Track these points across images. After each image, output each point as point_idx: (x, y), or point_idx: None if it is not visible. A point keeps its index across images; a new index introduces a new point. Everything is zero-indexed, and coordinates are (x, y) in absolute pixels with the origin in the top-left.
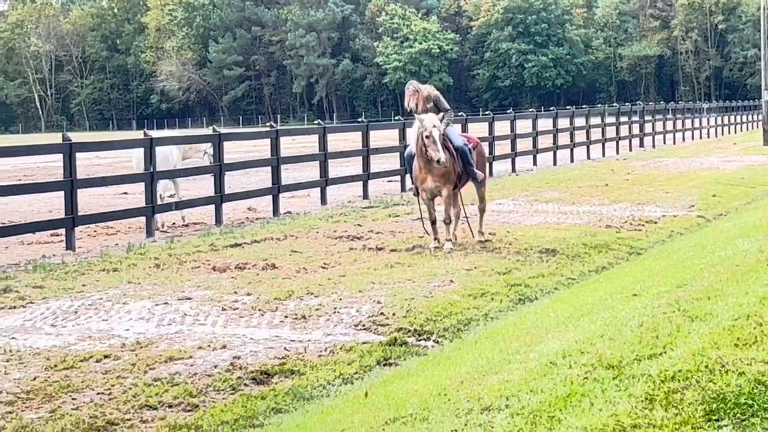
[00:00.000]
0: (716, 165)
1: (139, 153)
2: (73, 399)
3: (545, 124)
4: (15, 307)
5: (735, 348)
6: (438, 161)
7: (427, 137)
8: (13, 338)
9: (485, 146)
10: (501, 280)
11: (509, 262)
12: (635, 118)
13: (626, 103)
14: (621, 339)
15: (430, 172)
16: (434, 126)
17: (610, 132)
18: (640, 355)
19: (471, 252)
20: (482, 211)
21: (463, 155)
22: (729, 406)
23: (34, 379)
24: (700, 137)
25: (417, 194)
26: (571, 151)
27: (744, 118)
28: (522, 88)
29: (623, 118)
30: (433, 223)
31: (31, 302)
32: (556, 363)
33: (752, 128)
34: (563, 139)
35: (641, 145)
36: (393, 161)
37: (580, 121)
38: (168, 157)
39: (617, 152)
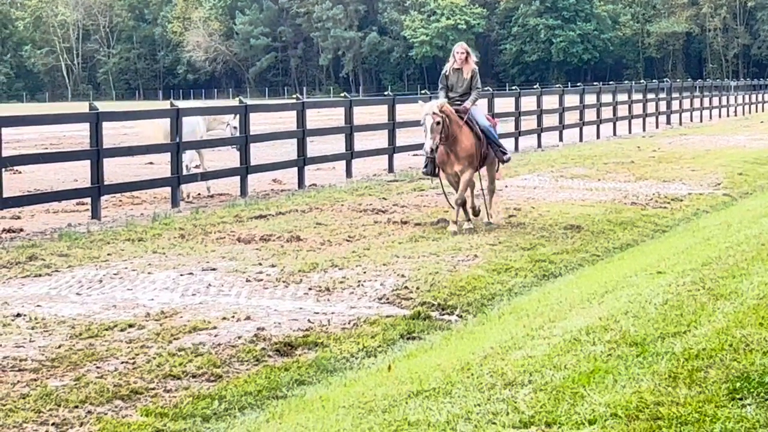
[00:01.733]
0: (743, 143)
1: (165, 123)
2: (98, 367)
3: (572, 99)
4: (40, 275)
5: (760, 327)
6: (428, 150)
7: (421, 123)
8: (38, 306)
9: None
10: (525, 255)
11: (534, 238)
12: (662, 95)
13: (653, 80)
14: (645, 316)
15: (455, 154)
16: (428, 114)
17: (637, 109)
18: (665, 332)
19: (495, 227)
20: (491, 191)
21: (488, 134)
22: (753, 385)
23: (59, 347)
24: (727, 115)
25: (432, 174)
26: (598, 127)
27: None
28: (549, 63)
29: (650, 95)
30: (463, 204)
31: (56, 270)
32: (580, 339)
33: None
34: (590, 115)
35: (668, 122)
36: (419, 135)
37: (606, 98)
38: (195, 128)
39: (644, 129)
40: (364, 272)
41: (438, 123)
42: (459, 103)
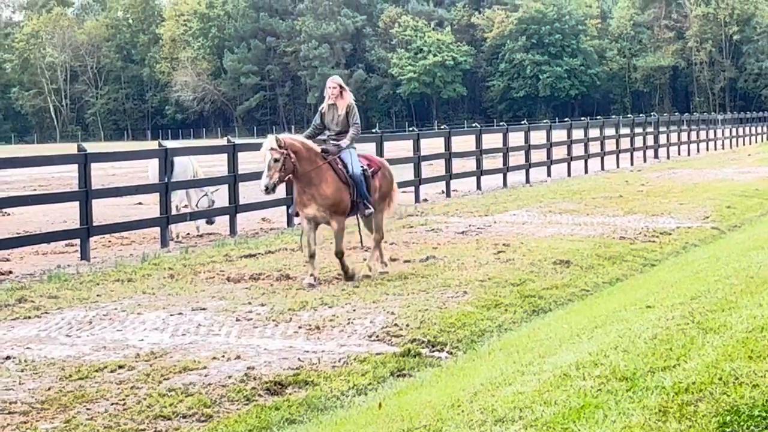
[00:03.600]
0: (731, 176)
1: (155, 163)
2: (88, 409)
3: (559, 135)
4: (30, 317)
5: (749, 360)
6: (262, 188)
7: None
8: (28, 348)
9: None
10: (515, 291)
11: (523, 273)
12: (650, 129)
13: (641, 114)
14: (635, 351)
15: (310, 196)
16: (266, 149)
17: (625, 143)
18: (654, 367)
19: (485, 263)
20: (377, 242)
21: (357, 184)
22: (743, 419)
23: (49, 389)
24: (715, 148)
25: (295, 214)
26: (586, 162)
27: (759, 130)
28: (536, 98)
29: (638, 129)
30: (311, 256)
31: (46, 312)
32: (570, 375)
33: (767, 140)
34: (577, 150)
35: (656, 156)
36: (407, 172)
37: (594, 132)
38: (186, 167)
39: (632, 163)
40: (354, 310)
41: (276, 160)
42: (336, 141)
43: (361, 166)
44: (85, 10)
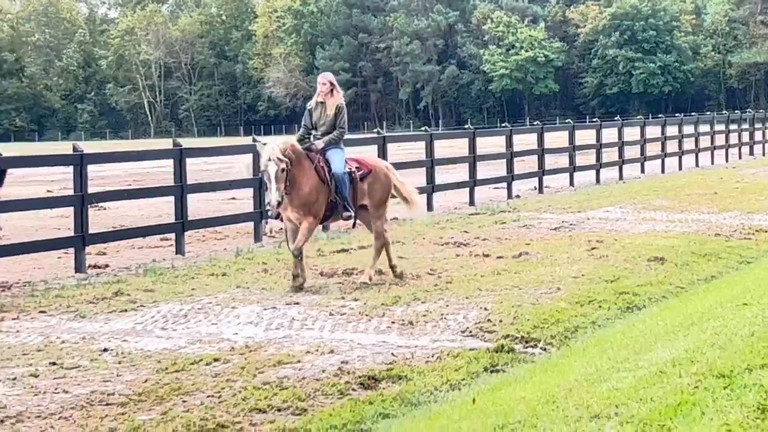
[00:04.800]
0: None
1: (246, 159)
2: (184, 401)
3: (653, 131)
4: (126, 311)
5: None
6: (269, 204)
7: (262, 172)
8: (124, 341)
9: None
10: (609, 287)
11: (617, 270)
12: (745, 126)
13: (735, 111)
14: (731, 348)
15: (290, 201)
16: (270, 159)
17: (719, 140)
18: (752, 364)
19: (578, 260)
20: (377, 249)
21: (339, 183)
22: None
23: (146, 381)
24: None
25: (276, 217)
26: (680, 158)
27: None
28: (629, 95)
29: (732, 126)
30: (300, 256)
31: (141, 305)
32: (666, 372)
33: None
34: (671, 146)
35: (751, 153)
36: (500, 168)
37: (688, 129)
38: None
39: (726, 160)
40: (447, 305)
41: (283, 170)
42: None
43: (349, 168)
44: (179, 6)
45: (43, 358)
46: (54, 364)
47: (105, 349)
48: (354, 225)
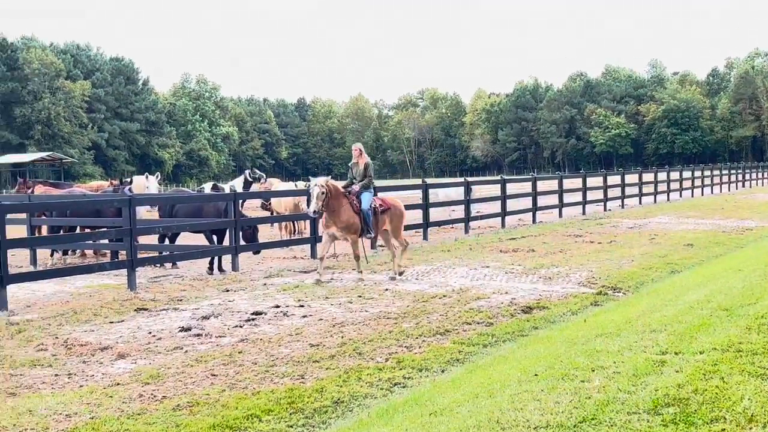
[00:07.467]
0: None
1: (456, 189)
2: (427, 317)
3: (687, 174)
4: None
5: None
6: (311, 212)
7: (310, 191)
8: (396, 285)
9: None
10: (661, 260)
11: (666, 250)
12: (740, 171)
13: (734, 163)
14: (731, 294)
15: (333, 221)
16: (316, 185)
17: (725, 179)
18: (743, 303)
19: (643, 245)
20: (401, 252)
21: (365, 216)
22: None
23: (407, 306)
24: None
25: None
26: (701, 189)
27: None
28: (673, 155)
29: (733, 171)
30: (321, 260)
31: (406, 267)
32: (694, 307)
33: None
34: (697, 182)
35: (743, 186)
36: (599, 195)
37: (707, 173)
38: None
39: (729, 190)
40: (570, 269)
41: (322, 192)
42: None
43: (372, 206)
44: (426, 108)
45: (354, 293)
46: (360, 296)
47: (386, 289)
48: (373, 243)
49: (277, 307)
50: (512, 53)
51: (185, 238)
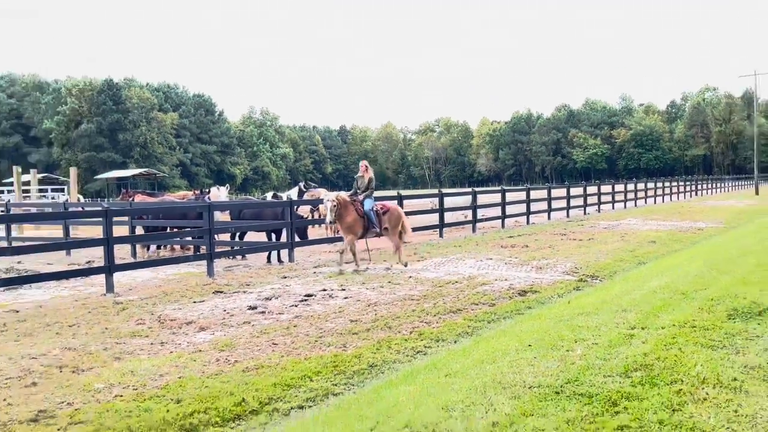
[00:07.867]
0: (733, 204)
1: (464, 197)
2: (443, 299)
3: (651, 185)
4: (420, 260)
5: (745, 286)
6: (327, 222)
7: (325, 204)
8: (419, 274)
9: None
10: (630, 253)
11: (634, 246)
12: (693, 182)
13: (689, 176)
14: (686, 281)
15: (340, 225)
16: (329, 200)
17: (681, 188)
18: (696, 288)
19: (616, 241)
20: (399, 248)
21: (367, 217)
22: (739, 313)
23: (427, 290)
24: (720, 192)
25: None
26: (662, 197)
27: (735, 183)
28: (639, 170)
29: (688, 183)
30: (354, 253)
31: (423, 258)
32: (656, 291)
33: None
34: (659, 191)
35: (696, 194)
36: (581, 201)
37: (667, 184)
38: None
39: (685, 198)
40: (557, 261)
41: (334, 205)
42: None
43: (374, 209)
44: (441, 134)
45: (385, 280)
46: (390, 282)
47: (410, 276)
48: (380, 235)
49: (324, 290)
50: (511, 88)
51: (251, 236)
